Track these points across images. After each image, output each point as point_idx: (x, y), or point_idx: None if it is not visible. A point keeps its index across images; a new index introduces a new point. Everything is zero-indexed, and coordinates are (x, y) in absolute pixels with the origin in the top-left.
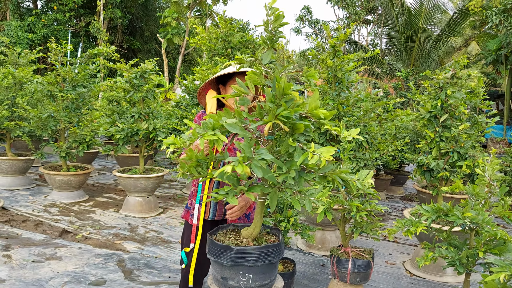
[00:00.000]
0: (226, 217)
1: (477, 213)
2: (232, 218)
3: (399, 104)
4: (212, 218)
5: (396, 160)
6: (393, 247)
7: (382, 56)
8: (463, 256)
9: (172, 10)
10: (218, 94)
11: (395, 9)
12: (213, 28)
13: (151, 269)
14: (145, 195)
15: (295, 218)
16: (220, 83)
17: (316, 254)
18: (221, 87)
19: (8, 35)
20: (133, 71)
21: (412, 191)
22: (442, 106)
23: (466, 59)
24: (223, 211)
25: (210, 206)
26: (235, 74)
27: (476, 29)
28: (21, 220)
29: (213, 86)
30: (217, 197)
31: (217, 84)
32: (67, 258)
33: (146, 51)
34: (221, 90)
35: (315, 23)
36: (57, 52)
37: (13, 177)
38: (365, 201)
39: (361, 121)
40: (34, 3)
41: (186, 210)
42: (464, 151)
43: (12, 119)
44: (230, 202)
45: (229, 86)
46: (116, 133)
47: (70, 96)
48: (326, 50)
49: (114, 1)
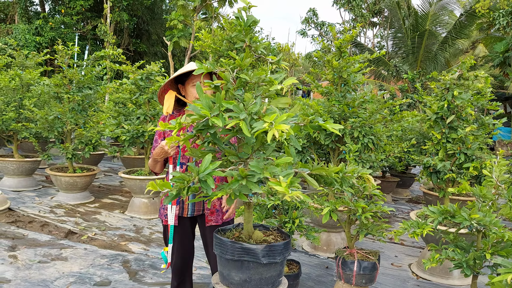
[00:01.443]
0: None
1: (484, 214)
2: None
3: (405, 106)
4: (191, 215)
5: (402, 162)
6: (399, 249)
7: (388, 58)
8: (470, 258)
9: (178, 13)
10: (178, 94)
11: (401, 11)
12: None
13: (156, 270)
14: (150, 196)
15: (300, 220)
16: (179, 83)
17: (322, 256)
18: (180, 87)
19: (16, 38)
20: (138, 73)
21: (418, 193)
22: (449, 107)
23: (473, 60)
24: (201, 206)
25: (188, 203)
26: (192, 73)
27: (484, 31)
28: (28, 221)
29: (172, 87)
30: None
31: (176, 84)
32: (72, 259)
33: (152, 53)
34: (181, 89)
35: (321, 25)
36: (63, 54)
37: (20, 179)
38: (371, 202)
39: (367, 122)
40: (42, 7)
41: (162, 210)
42: (471, 153)
43: (19, 121)
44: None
45: (188, 85)
46: (122, 135)
47: (77, 98)
48: (331, 52)
49: (121, 4)
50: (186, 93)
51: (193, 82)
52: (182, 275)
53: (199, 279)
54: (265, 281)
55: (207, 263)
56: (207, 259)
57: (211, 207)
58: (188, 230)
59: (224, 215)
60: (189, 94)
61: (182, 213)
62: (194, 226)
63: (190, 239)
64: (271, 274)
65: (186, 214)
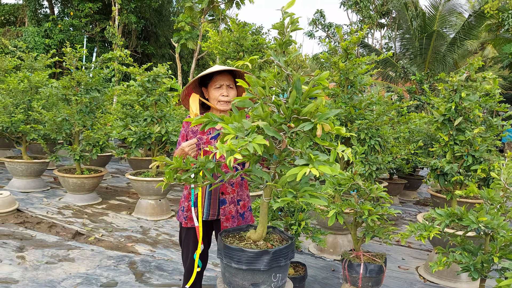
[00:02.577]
0: (220, 216)
1: (492, 217)
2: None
3: (413, 108)
4: (206, 218)
5: (410, 164)
6: (406, 252)
7: (396, 59)
8: (477, 261)
9: (186, 15)
10: (202, 97)
11: (409, 12)
12: (226, 32)
13: (162, 271)
14: (157, 198)
15: (306, 222)
16: (202, 86)
17: (328, 258)
18: (204, 90)
19: (25, 41)
20: (146, 75)
21: (426, 195)
22: (456, 109)
23: (481, 62)
24: (216, 211)
25: (203, 207)
26: (214, 76)
27: (492, 32)
28: (36, 222)
29: (196, 90)
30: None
31: (200, 87)
32: (79, 260)
33: (160, 55)
34: (204, 92)
35: (328, 27)
36: (71, 57)
37: (28, 180)
38: (377, 204)
39: (374, 124)
40: (51, 9)
41: (181, 213)
42: (479, 155)
43: (27, 123)
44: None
45: (210, 87)
46: (129, 136)
47: (84, 99)
48: (338, 53)
49: (129, 7)
50: (209, 95)
51: (215, 84)
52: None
53: (205, 281)
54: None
55: (214, 265)
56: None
57: (227, 213)
58: (204, 235)
59: (240, 222)
60: (211, 97)
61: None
62: (210, 232)
63: (205, 244)
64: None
65: (202, 218)
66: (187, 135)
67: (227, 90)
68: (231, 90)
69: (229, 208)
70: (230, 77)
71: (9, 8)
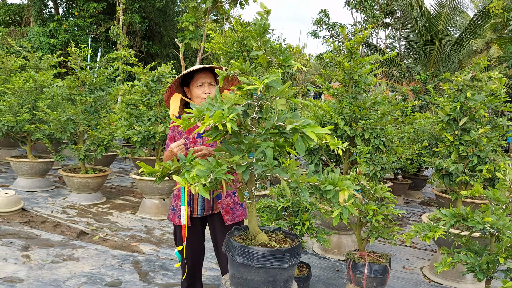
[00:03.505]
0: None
1: (497, 218)
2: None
3: (418, 107)
4: (201, 215)
5: (414, 164)
6: (411, 252)
7: (401, 59)
8: (483, 262)
9: (190, 15)
10: (185, 96)
11: (414, 12)
12: (229, 32)
13: (167, 271)
14: (161, 197)
15: (310, 222)
16: (184, 86)
17: (332, 258)
18: (186, 90)
19: (30, 41)
20: (150, 75)
21: (431, 196)
22: (462, 109)
23: (486, 61)
24: (211, 206)
25: (197, 203)
26: (196, 74)
27: (498, 32)
28: (41, 221)
29: (178, 89)
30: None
31: (182, 87)
32: (84, 259)
33: (164, 55)
34: (186, 92)
35: (332, 26)
36: (76, 56)
37: (33, 179)
38: (382, 205)
39: (378, 124)
40: (56, 10)
41: (171, 212)
42: (484, 155)
43: (33, 122)
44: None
45: (192, 86)
46: (133, 136)
47: (89, 99)
48: (342, 53)
49: (133, 7)
50: (192, 94)
51: (196, 83)
52: (192, 277)
53: (209, 281)
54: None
55: (217, 265)
56: (217, 260)
57: (225, 205)
58: (198, 231)
59: (243, 212)
60: (194, 95)
61: (192, 214)
62: (204, 227)
63: (200, 240)
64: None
65: (196, 215)
66: (174, 136)
67: (209, 87)
68: (212, 88)
69: (226, 201)
70: (211, 75)
71: (15, 8)
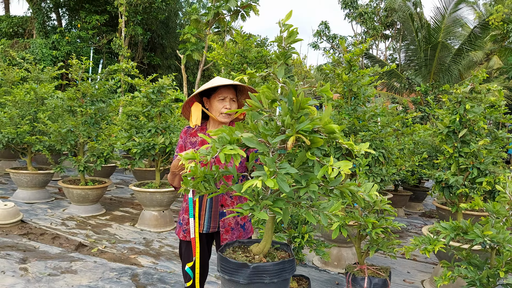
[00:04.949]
0: (220, 229)
1: (497, 231)
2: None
3: (418, 119)
4: (206, 231)
5: (415, 176)
6: (411, 265)
7: (401, 70)
8: (483, 276)
9: (191, 27)
10: (202, 106)
11: (414, 23)
12: (230, 44)
13: (165, 284)
14: (160, 209)
15: (310, 234)
16: (204, 96)
17: (332, 271)
18: (205, 100)
19: (33, 52)
20: (150, 86)
21: (432, 207)
22: (461, 121)
23: (485, 73)
24: (217, 223)
25: (204, 219)
26: (219, 88)
27: (498, 43)
28: (39, 233)
29: (196, 99)
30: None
31: (201, 97)
32: (82, 272)
33: (166, 66)
34: (205, 102)
35: (332, 38)
36: (77, 68)
37: (33, 191)
38: (381, 217)
39: (378, 135)
40: (58, 22)
41: (178, 226)
42: (484, 167)
43: (33, 134)
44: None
45: (213, 99)
46: (133, 147)
47: (89, 111)
48: (342, 65)
49: (136, 19)
50: (211, 106)
51: (218, 96)
52: None
53: None
54: None
55: (216, 278)
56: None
57: (226, 225)
58: (203, 247)
59: (241, 233)
60: (213, 108)
61: (198, 229)
62: (210, 244)
63: (205, 255)
64: None
65: (202, 230)
66: (185, 146)
67: (230, 103)
68: (233, 103)
69: (228, 220)
70: (233, 91)
71: (18, 21)
